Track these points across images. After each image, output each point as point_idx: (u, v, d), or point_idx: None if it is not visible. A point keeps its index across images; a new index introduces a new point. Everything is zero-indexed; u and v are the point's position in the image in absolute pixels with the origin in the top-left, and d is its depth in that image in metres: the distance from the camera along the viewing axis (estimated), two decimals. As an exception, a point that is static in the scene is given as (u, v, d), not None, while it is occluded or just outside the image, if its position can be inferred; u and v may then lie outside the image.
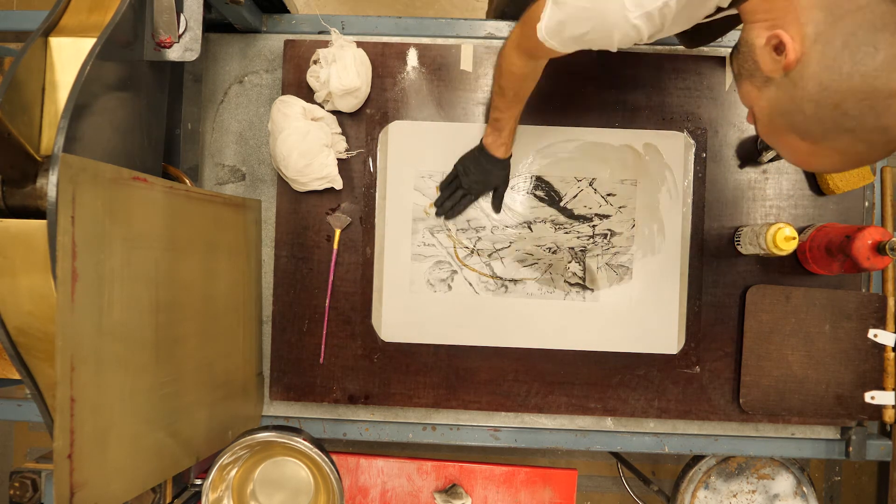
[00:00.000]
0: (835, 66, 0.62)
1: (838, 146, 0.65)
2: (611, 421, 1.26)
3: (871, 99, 0.61)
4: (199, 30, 0.99)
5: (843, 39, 0.62)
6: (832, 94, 0.62)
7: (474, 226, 1.23)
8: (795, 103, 0.66)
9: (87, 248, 0.74)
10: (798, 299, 1.20)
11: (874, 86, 0.60)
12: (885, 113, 0.61)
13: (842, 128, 0.63)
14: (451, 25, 1.26)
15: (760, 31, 0.70)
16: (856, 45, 0.61)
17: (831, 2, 0.64)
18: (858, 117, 0.62)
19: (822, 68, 0.63)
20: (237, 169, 1.26)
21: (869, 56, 0.60)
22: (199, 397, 1.02)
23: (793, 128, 0.68)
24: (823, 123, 0.64)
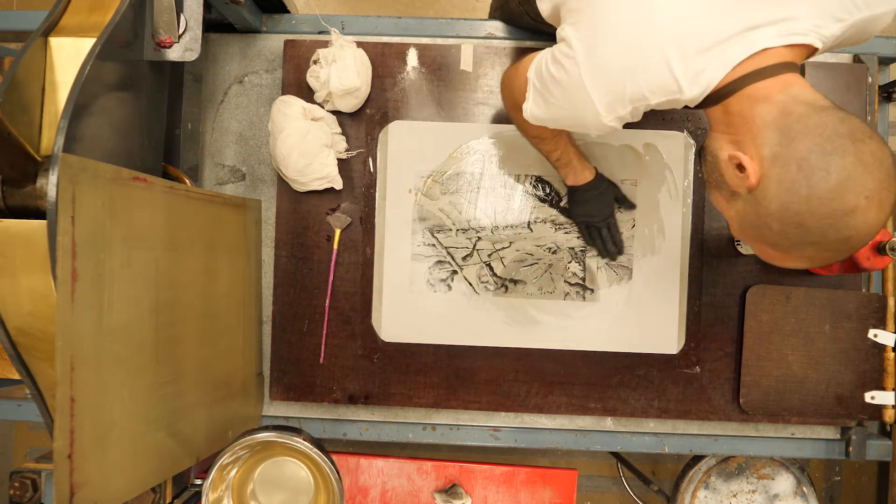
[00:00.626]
0: (793, 189, 0.66)
1: (806, 254, 0.70)
2: (611, 421, 1.26)
3: (829, 218, 0.65)
4: (199, 30, 0.99)
5: (797, 164, 0.66)
6: (794, 214, 0.67)
7: (474, 226, 1.23)
8: (762, 219, 0.70)
9: (87, 248, 0.74)
10: (798, 299, 1.20)
11: (831, 207, 0.65)
12: (845, 228, 0.65)
13: (806, 241, 0.68)
14: (451, 25, 1.26)
15: (723, 143, 0.75)
16: (809, 170, 0.65)
17: (784, 124, 0.68)
18: (820, 233, 0.66)
19: (782, 190, 0.67)
20: (237, 169, 1.26)
21: (823, 180, 0.64)
22: (199, 397, 1.02)
23: (763, 239, 0.72)
24: (789, 238, 0.69)
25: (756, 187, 0.69)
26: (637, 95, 0.75)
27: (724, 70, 0.71)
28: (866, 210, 0.64)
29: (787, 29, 0.71)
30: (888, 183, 0.65)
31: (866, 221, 0.65)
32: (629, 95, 0.75)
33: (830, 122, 0.66)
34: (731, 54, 0.71)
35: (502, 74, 1.00)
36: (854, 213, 0.64)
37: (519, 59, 0.95)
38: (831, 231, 0.66)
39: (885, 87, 1.27)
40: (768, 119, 0.69)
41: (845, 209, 0.64)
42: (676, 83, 0.73)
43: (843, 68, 1.22)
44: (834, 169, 0.64)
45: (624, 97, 0.76)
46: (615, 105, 0.77)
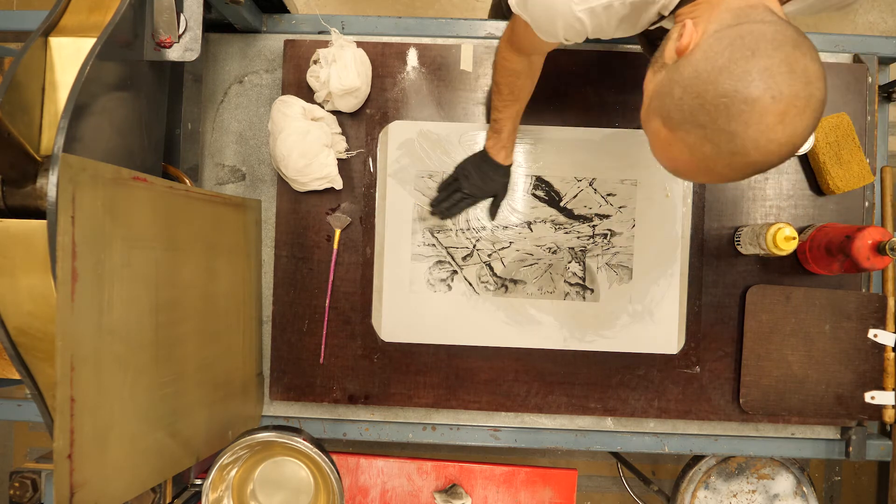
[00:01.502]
0: (713, 58, 0.63)
1: (689, 140, 0.66)
2: (611, 421, 1.26)
3: (728, 98, 0.61)
4: (199, 30, 0.99)
5: (730, 40, 0.63)
6: (700, 83, 0.63)
7: (474, 226, 1.23)
8: (669, 86, 0.67)
9: (87, 248, 0.74)
10: (798, 299, 1.20)
11: (735, 87, 0.61)
12: (735, 118, 0.61)
13: (696, 121, 0.64)
14: (451, 25, 1.26)
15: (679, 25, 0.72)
16: (738, 46, 0.62)
17: (742, 11, 0.65)
18: (713, 113, 0.62)
19: (702, 58, 0.64)
20: (237, 169, 1.26)
21: (744, 59, 0.61)
22: (199, 397, 1.02)
23: (659, 111, 0.69)
24: (683, 111, 0.65)
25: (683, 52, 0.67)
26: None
27: None
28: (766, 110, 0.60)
29: None
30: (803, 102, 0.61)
31: (760, 122, 0.61)
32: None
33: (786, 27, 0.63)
34: None
35: None
36: (753, 104, 0.60)
37: None
38: (723, 115, 0.61)
39: (885, 87, 1.27)
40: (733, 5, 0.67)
41: (746, 96, 0.60)
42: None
43: (843, 68, 1.23)
44: (760, 53, 0.61)
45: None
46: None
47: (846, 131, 1.18)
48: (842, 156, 1.18)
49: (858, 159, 1.18)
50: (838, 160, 1.18)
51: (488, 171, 1.17)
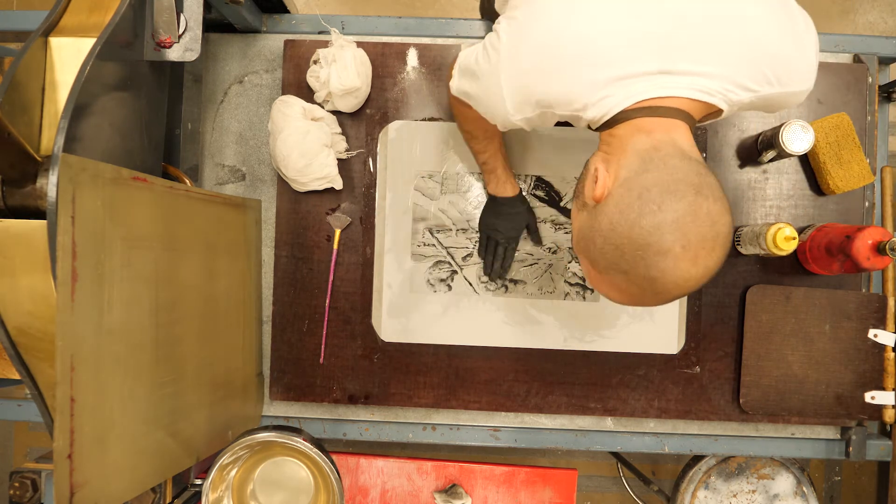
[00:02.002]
0: (626, 212, 0.67)
1: (616, 282, 0.71)
2: (611, 421, 1.26)
3: (642, 251, 0.66)
4: (199, 30, 0.99)
5: (638, 192, 0.67)
6: (616, 236, 0.68)
7: (474, 226, 1.23)
8: (591, 233, 0.72)
9: (87, 248, 0.74)
10: (798, 299, 1.20)
11: (648, 240, 0.66)
12: (652, 267, 0.66)
13: (619, 268, 0.69)
14: (451, 25, 1.26)
15: (598, 160, 0.75)
16: (646, 200, 0.66)
17: (648, 155, 0.70)
18: (632, 263, 0.67)
19: (616, 211, 0.69)
20: (237, 169, 1.26)
21: (651, 213, 0.66)
22: (199, 397, 1.02)
23: (586, 254, 0.74)
24: (606, 259, 0.70)
25: (599, 201, 0.71)
26: (544, 101, 0.76)
27: (627, 102, 0.72)
28: (678, 258, 0.65)
29: (699, 85, 0.72)
30: (710, 244, 0.66)
31: (675, 268, 0.65)
32: (536, 99, 0.76)
33: (687, 170, 0.67)
34: (638, 90, 0.72)
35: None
36: (666, 255, 0.65)
37: None
38: (641, 265, 0.66)
39: (885, 87, 1.27)
40: (639, 147, 0.71)
41: (659, 248, 0.65)
42: (582, 101, 0.74)
43: (843, 68, 1.23)
44: (666, 208, 0.65)
45: (531, 100, 0.77)
46: (522, 106, 0.78)
47: (846, 131, 1.18)
48: (842, 156, 1.18)
49: (858, 159, 1.18)
50: (838, 160, 1.18)
51: (508, 212, 1.17)
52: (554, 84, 0.75)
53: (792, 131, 1.11)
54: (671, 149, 0.70)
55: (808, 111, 1.22)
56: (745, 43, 0.73)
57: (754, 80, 0.75)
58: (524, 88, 0.77)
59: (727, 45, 0.73)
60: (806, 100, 1.14)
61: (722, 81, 0.73)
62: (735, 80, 0.74)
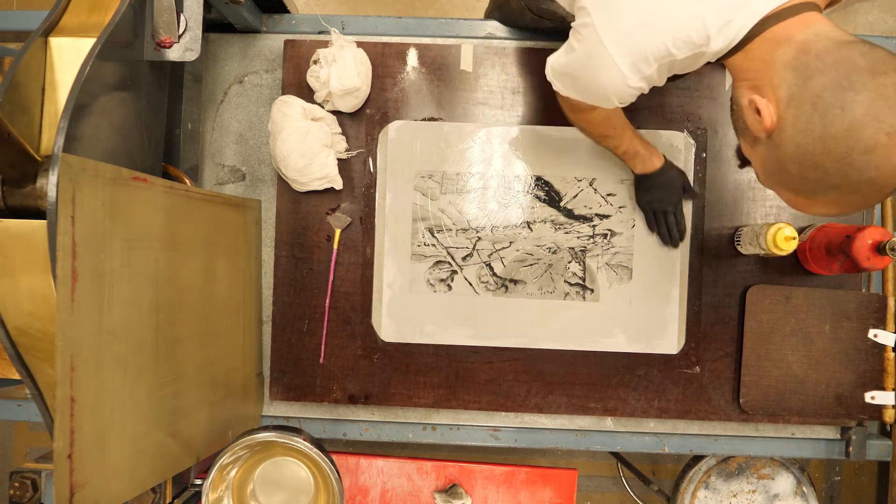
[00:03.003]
0: (808, 129, 0.63)
1: (831, 199, 0.66)
2: (611, 421, 1.26)
3: (847, 157, 0.61)
4: (199, 30, 0.99)
5: (811, 102, 0.63)
6: (810, 156, 0.64)
7: (474, 226, 1.23)
8: (781, 164, 0.67)
9: (87, 248, 0.74)
10: (798, 299, 1.20)
11: (848, 145, 0.61)
12: (866, 168, 0.61)
13: (828, 184, 0.64)
14: (451, 25, 1.26)
15: (744, 90, 0.72)
16: (824, 108, 0.62)
17: (801, 62, 0.65)
18: (841, 174, 0.63)
19: (796, 131, 0.64)
20: (237, 169, 1.26)
21: (837, 118, 0.61)
22: (199, 397, 1.02)
23: (784, 185, 0.69)
24: (809, 182, 0.66)
25: (773, 130, 0.67)
26: (662, 52, 0.72)
27: (752, 20, 0.68)
28: (888, 147, 0.59)
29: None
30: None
31: (889, 160, 0.60)
32: (652, 53, 0.72)
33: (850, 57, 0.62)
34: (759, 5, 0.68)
35: None
36: (874, 150, 0.60)
37: None
38: (852, 171, 0.61)
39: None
40: (787, 59, 0.66)
41: (864, 147, 0.60)
42: (705, 34, 0.70)
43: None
44: (849, 105, 0.60)
45: (647, 56, 0.73)
46: (640, 64, 0.74)
47: (846, 131, 1.18)
48: (842, 156, 1.18)
49: (858, 159, 1.18)
50: (838, 160, 1.18)
51: (664, 181, 1.15)
52: (665, 30, 0.70)
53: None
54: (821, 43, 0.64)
55: (808, 111, 1.22)
56: None
57: None
58: (636, 47, 0.72)
59: None
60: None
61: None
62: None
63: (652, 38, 0.71)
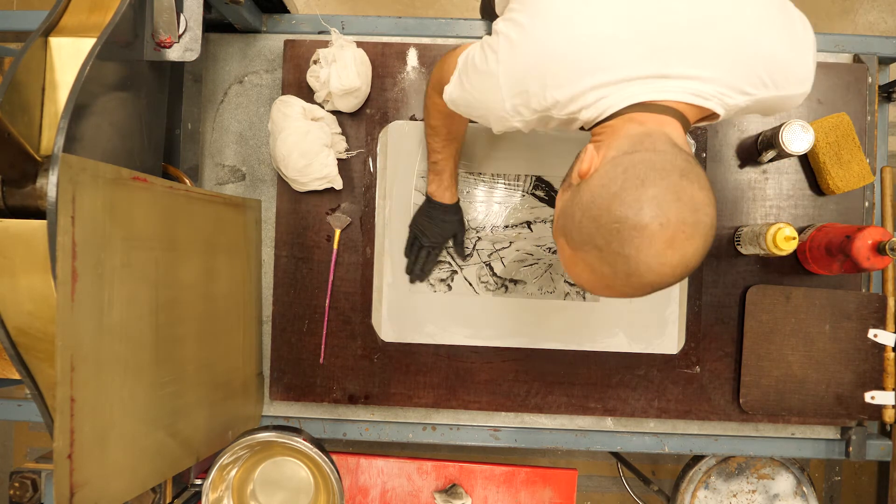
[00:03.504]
0: (608, 185, 0.67)
1: (589, 259, 0.69)
2: (611, 421, 1.26)
3: (619, 223, 0.65)
4: (199, 30, 0.99)
5: (624, 167, 0.67)
6: (595, 207, 0.67)
7: (474, 226, 1.23)
8: (571, 208, 0.71)
9: (87, 248, 0.74)
10: (798, 299, 1.20)
11: (626, 213, 0.64)
12: (628, 242, 0.65)
13: (593, 243, 0.67)
14: (451, 25, 1.26)
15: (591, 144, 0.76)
16: (630, 175, 0.66)
17: (638, 139, 0.69)
18: (607, 237, 0.66)
19: (599, 184, 0.68)
20: (237, 169, 1.26)
21: (633, 187, 0.65)
22: (199, 397, 1.02)
23: (563, 230, 0.73)
24: (581, 233, 0.69)
25: (585, 175, 0.71)
26: (542, 105, 0.76)
27: (622, 103, 0.72)
28: (654, 235, 0.64)
29: (694, 89, 0.72)
30: (690, 229, 0.64)
31: (650, 247, 0.64)
32: (535, 102, 0.76)
33: (676, 157, 0.67)
34: (634, 92, 0.72)
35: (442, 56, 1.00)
36: (642, 231, 0.64)
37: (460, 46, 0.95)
38: (616, 239, 0.65)
39: (885, 87, 1.27)
40: (631, 133, 0.70)
41: (636, 223, 0.64)
42: (579, 104, 0.74)
43: (843, 68, 1.22)
44: (649, 183, 0.64)
45: (530, 104, 0.77)
46: (520, 108, 0.78)
47: (846, 131, 1.18)
48: (842, 156, 1.18)
49: (858, 159, 1.18)
50: (838, 160, 1.18)
51: (439, 216, 1.18)
52: (552, 88, 0.74)
53: (792, 131, 1.11)
54: (662, 136, 0.69)
55: (807, 111, 1.22)
56: (742, 46, 0.73)
57: (750, 83, 0.74)
58: (523, 92, 0.76)
59: (723, 49, 0.72)
60: (806, 100, 1.14)
61: (717, 85, 0.73)
62: (731, 84, 0.73)
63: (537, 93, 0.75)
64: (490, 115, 0.82)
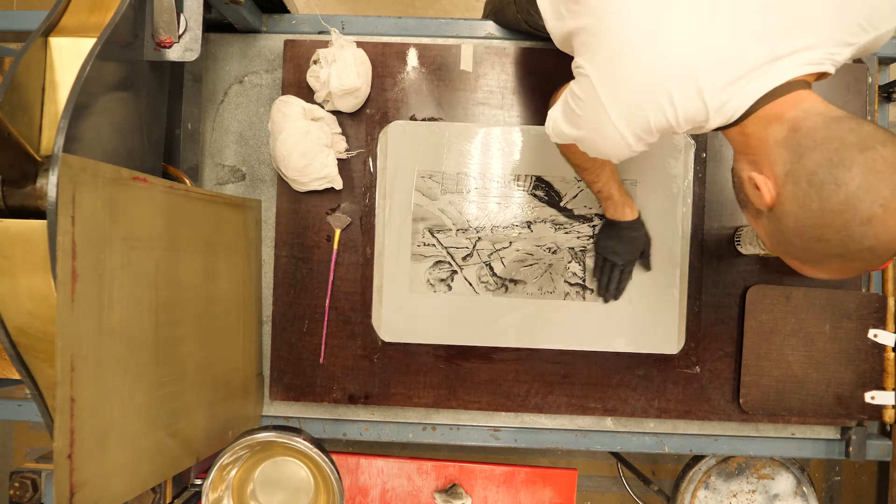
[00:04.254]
0: (806, 204, 0.66)
1: (835, 266, 0.69)
2: (611, 421, 1.26)
3: (846, 230, 0.64)
4: (199, 30, 0.99)
5: (807, 178, 0.66)
6: (811, 228, 0.66)
7: (474, 225, 1.23)
8: (784, 236, 0.70)
9: (87, 248, 0.74)
10: (798, 299, 1.20)
11: (845, 218, 0.64)
12: (864, 237, 0.64)
13: (830, 254, 0.67)
14: (451, 25, 1.26)
15: (744, 164, 0.75)
16: (819, 184, 0.65)
17: (794, 141, 0.68)
18: (842, 245, 0.65)
19: (796, 207, 0.67)
20: (237, 169, 1.26)
21: (833, 193, 0.64)
22: (199, 397, 1.02)
23: (790, 255, 0.72)
24: (813, 252, 0.68)
25: (773, 205, 0.70)
26: (665, 126, 0.75)
27: (748, 102, 0.71)
28: (884, 218, 0.63)
29: (805, 59, 0.71)
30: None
31: (886, 229, 0.63)
32: (656, 126, 0.75)
33: (839, 134, 0.65)
34: (755, 87, 0.70)
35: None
36: (870, 222, 0.63)
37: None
38: (852, 242, 0.64)
39: (885, 87, 1.27)
40: (780, 138, 0.69)
41: (860, 219, 0.63)
42: (703, 115, 0.73)
43: (842, 68, 1.22)
44: (843, 180, 0.63)
45: (651, 128, 0.75)
46: (643, 135, 0.77)
47: (846, 131, 1.18)
48: (842, 156, 1.18)
49: (858, 159, 1.18)
50: (838, 160, 1.18)
51: (629, 235, 1.16)
52: (668, 108, 0.73)
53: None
54: (811, 121, 0.68)
55: (808, 111, 1.22)
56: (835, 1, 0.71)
57: (852, 33, 0.73)
58: (642, 122, 0.75)
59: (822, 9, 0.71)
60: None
61: (825, 47, 0.71)
62: (837, 41, 0.72)
63: (656, 115, 0.74)
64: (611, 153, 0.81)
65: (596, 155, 0.85)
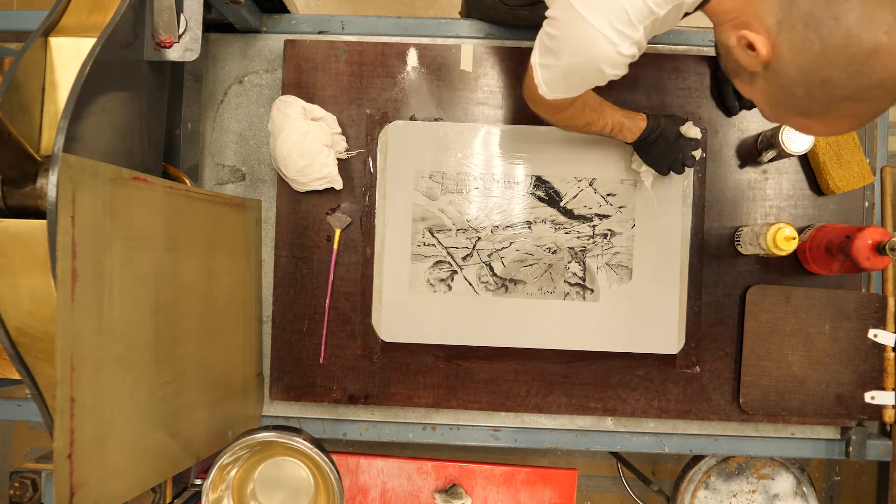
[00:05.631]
0: (806, 47, 0.63)
1: (844, 112, 0.66)
2: (611, 421, 1.26)
3: (853, 65, 0.61)
4: (199, 30, 0.99)
5: (803, 21, 0.63)
6: (815, 72, 0.63)
7: (474, 226, 1.23)
8: (786, 90, 0.67)
9: (87, 248, 0.74)
10: (798, 299, 1.20)
11: (850, 52, 0.61)
12: (873, 70, 0.61)
13: (838, 97, 0.64)
14: (451, 25, 1.26)
15: (728, 31, 0.72)
16: (817, 23, 0.62)
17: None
18: (850, 84, 0.63)
19: (795, 53, 0.64)
20: (237, 169, 1.26)
21: (833, 29, 0.61)
22: (199, 397, 1.02)
23: (794, 110, 0.69)
24: (819, 100, 0.65)
25: (770, 59, 0.67)
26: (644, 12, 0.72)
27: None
28: (890, 45, 0.60)
29: None
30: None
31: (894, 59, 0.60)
32: (636, 15, 0.72)
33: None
34: None
35: (522, 88, 0.95)
36: (877, 52, 0.60)
37: None
38: (860, 78, 0.61)
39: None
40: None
41: (866, 51, 0.60)
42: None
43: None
44: (841, 13, 0.60)
45: (631, 18, 0.72)
46: (626, 30, 0.73)
47: (846, 131, 1.18)
48: (842, 156, 1.18)
49: (858, 159, 1.18)
50: (838, 160, 1.18)
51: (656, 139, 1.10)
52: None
53: (792, 131, 1.11)
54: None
55: (808, 111, 1.22)
56: None
57: None
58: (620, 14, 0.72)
59: None
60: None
61: None
62: None
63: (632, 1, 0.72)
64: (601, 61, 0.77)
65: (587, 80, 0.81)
